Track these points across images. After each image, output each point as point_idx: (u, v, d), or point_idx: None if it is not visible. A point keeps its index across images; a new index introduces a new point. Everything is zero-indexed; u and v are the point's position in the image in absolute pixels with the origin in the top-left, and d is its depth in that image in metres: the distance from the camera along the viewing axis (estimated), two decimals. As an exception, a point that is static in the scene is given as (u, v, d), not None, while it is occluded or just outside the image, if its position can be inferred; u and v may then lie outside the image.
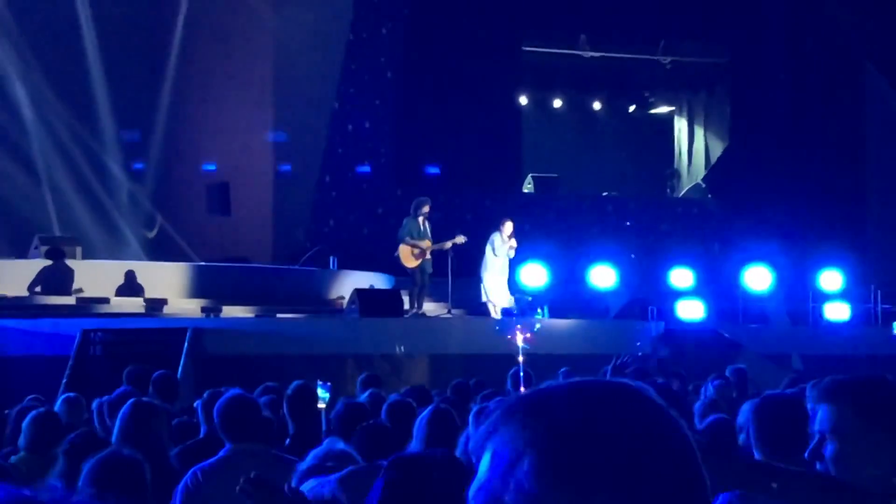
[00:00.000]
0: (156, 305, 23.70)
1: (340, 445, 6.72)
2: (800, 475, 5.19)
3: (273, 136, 29.39)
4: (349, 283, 24.99)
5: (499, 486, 1.82)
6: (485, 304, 23.87)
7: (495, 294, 23.83)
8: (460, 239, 23.77)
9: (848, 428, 4.58)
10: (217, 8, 29.01)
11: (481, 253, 23.88)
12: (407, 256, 23.84)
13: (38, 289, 23.87)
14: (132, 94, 30.09)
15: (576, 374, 10.90)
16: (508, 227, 23.89)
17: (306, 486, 6.23)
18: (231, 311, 23.76)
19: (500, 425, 1.88)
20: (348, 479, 6.17)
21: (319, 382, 10.79)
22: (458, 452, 6.32)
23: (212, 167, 29.58)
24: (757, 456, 5.98)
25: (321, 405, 10.56)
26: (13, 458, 8.13)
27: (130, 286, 24.63)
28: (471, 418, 7.41)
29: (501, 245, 23.80)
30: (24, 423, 8.56)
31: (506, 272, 23.94)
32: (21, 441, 8.47)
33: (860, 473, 4.69)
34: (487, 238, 23.98)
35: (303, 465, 6.62)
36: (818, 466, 4.73)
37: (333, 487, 6.16)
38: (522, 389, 10.55)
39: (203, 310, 23.75)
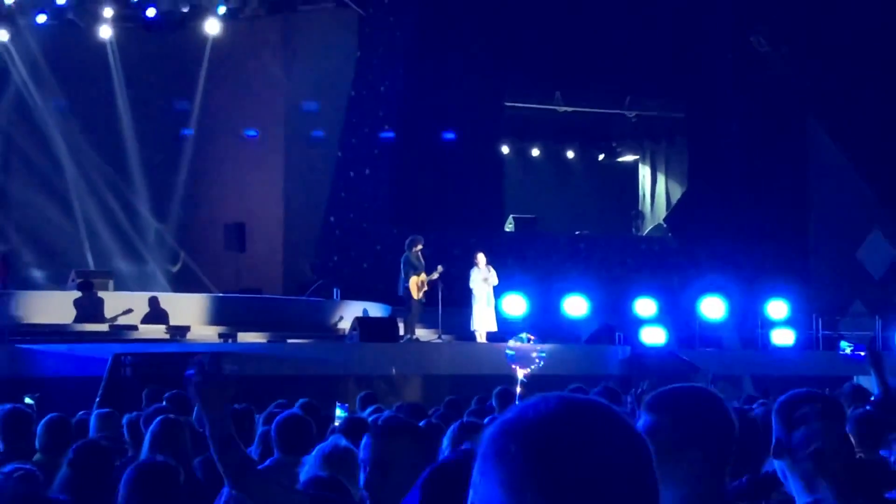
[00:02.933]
0: (179, 332, 23.63)
1: (343, 442, 6.63)
2: None
3: (284, 182, 29.33)
4: (351, 311, 24.94)
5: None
6: (473, 331, 23.91)
7: (479, 322, 23.80)
8: (437, 272, 23.78)
9: (663, 437, 4.29)
10: (234, 69, 29.08)
11: (468, 286, 23.95)
12: (415, 290, 23.92)
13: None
14: (158, 145, 30.13)
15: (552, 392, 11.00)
16: (481, 259, 23.85)
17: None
18: (245, 337, 23.64)
19: (491, 446, 1.86)
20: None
21: (339, 404, 10.80)
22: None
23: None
24: None
25: (337, 423, 10.56)
26: (33, 458, 7.95)
27: (155, 312, 24.59)
28: (450, 431, 7.28)
29: (478, 276, 23.80)
30: (39, 428, 8.53)
31: (491, 300, 23.86)
32: (37, 443, 8.42)
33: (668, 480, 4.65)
34: (470, 272, 23.93)
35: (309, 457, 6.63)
36: None
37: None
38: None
39: (220, 335, 23.65)
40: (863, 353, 18.49)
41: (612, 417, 1.90)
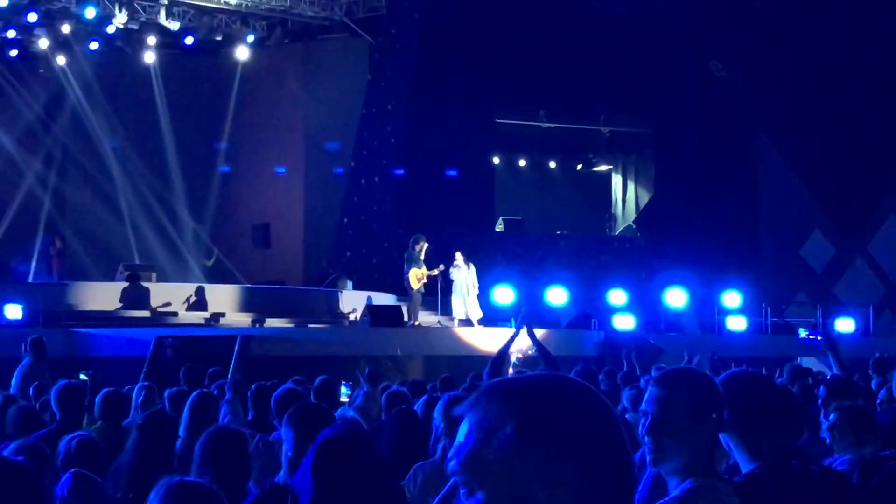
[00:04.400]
0: (215, 318, 23.83)
1: (351, 413, 6.55)
2: None
3: (304, 188, 29.40)
4: (362, 300, 24.97)
5: (480, 446, 1.79)
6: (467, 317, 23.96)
7: (457, 310, 23.74)
8: (438, 269, 23.82)
9: (674, 410, 4.29)
10: (261, 90, 29.12)
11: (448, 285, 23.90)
12: (414, 281, 23.97)
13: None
14: (195, 154, 30.22)
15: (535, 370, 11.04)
16: (458, 257, 23.71)
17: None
18: (272, 322, 23.70)
19: (481, 401, 1.84)
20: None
21: (343, 382, 10.79)
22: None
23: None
24: None
25: (344, 399, 10.59)
26: (94, 427, 8.08)
27: (200, 300, 24.67)
28: (439, 405, 7.24)
29: (458, 273, 23.64)
30: (97, 400, 8.57)
31: (471, 291, 23.66)
32: (96, 413, 8.49)
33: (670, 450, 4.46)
34: (465, 264, 23.87)
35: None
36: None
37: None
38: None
39: (254, 321, 23.79)
40: (819, 338, 18.54)
41: (583, 387, 1.89)
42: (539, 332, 18.52)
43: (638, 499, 4.85)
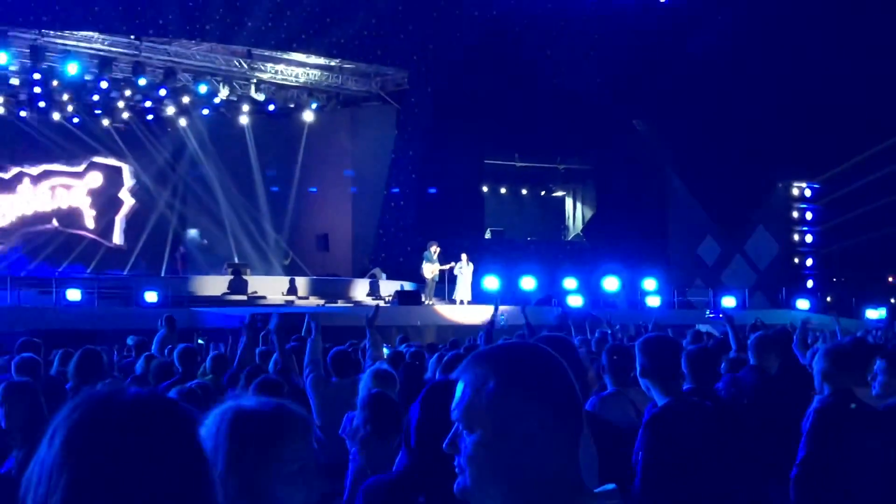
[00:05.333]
0: (292, 301, 23.96)
1: (385, 366, 5.91)
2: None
3: (351, 209, 29.27)
4: (393, 287, 25.09)
5: (473, 398, 1.75)
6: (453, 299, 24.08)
7: (458, 294, 23.83)
8: (447, 266, 23.99)
9: (646, 361, 4.44)
10: (321, 141, 29.06)
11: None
12: (427, 272, 24.11)
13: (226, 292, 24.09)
14: (276, 186, 30.25)
15: (516, 337, 11.18)
16: (463, 257, 23.88)
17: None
18: (331, 304, 23.94)
19: (471, 365, 1.81)
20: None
21: (384, 345, 10.21)
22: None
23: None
24: (610, 388, 5.33)
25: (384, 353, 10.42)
26: (206, 378, 7.56)
27: (292, 287, 24.78)
28: (434, 360, 6.97)
29: (459, 269, 23.79)
30: (208, 357, 8.50)
31: (468, 281, 23.86)
32: (208, 368, 8.27)
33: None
34: (467, 263, 24.10)
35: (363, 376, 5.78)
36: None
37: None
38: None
39: (325, 302, 23.88)
40: (721, 316, 18.42)
41: (542, 350, 1.85)
42: (508, 308, 18.68)
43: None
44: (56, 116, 27.55)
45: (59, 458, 1.40)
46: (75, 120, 28.13)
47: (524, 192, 33.54)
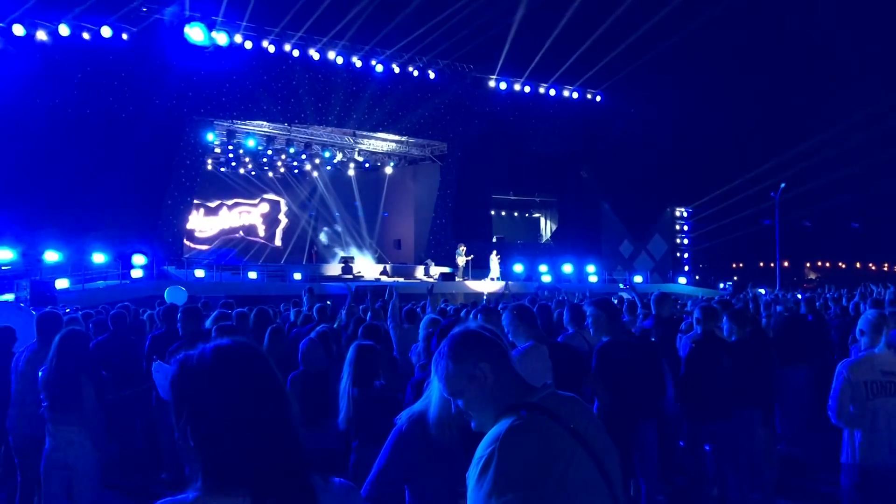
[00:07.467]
0: (380, 278, 23.68)
1: (434, 316, 4.71)
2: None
3: (414, 225, 28.86)
4: (439, 270, 24.59)
5: (443, 374, 1.62)
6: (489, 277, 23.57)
7: (493, 274, 23.37)
8: (470, 257, 23.57)
9: (600, 318, 4.12)
10: (396, 187, 28.60)
11: (487, 264, 23.53)
12: (458, 261, 23.67)
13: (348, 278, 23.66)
14: (368, 213, 29.46)
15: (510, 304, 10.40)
16: (494, 254, 23.43)
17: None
18: (403, 280, 23.65)
19: (439, 353, 1.65)
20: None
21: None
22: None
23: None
24: (571, 329, 4.80)
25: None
26: (333, 325, 6.60)
27: (385, 270, 24.41)
28: (425, 320, 4.65)
29: (492, 261, 23.36)
30: (315, 308, 7.35)
31: (497, 268, 23.44)
32: (315, 315, 7.20)
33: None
34: (488, 258, 23.49)
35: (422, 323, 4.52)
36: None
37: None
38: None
39: (404, 279, 23.53)
40: (628, 286, 18.27)
41: (475, 328, 1.67)
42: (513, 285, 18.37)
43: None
44: (241, 170, 27.65)
45: (186, 385, 1.26)
46: (252, 172, 28.11)
47: (515, 213, 33.10)
